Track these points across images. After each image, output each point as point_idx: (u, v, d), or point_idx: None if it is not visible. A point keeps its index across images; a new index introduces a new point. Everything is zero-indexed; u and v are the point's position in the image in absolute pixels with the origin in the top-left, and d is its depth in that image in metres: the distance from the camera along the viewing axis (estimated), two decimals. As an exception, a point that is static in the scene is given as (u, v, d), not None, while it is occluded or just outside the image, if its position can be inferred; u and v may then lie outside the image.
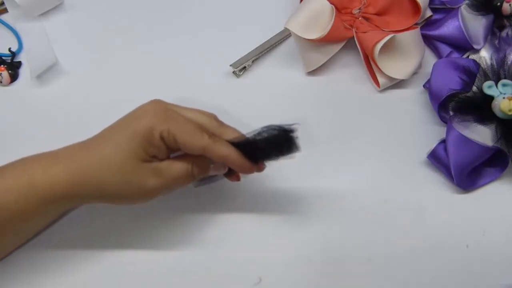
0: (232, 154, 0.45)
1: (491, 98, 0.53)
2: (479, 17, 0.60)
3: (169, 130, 0.44)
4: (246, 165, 0.46)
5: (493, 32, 0.61)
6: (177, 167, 0.45)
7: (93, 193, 0.44)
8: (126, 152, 0.43)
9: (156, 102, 0.46)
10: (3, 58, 0.61)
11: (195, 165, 0.46)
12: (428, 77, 0.58)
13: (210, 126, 0.47)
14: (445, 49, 0.61)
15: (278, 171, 0.54)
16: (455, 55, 0.60)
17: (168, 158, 0.46)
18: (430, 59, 0.61)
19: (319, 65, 0.60)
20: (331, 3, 0.58)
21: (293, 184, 0.54)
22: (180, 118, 0.45)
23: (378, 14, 0.60)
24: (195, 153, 0.45)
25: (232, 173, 0.49)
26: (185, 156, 0.46)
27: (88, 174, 0.43)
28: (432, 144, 0.55)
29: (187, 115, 0.46)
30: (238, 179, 0.50)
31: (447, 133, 0.54)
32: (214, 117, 0.48)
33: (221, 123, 0.48)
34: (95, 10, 0.65)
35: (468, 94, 0.55)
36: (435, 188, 0.55)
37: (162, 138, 0.44)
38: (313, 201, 0.53)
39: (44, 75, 0.60)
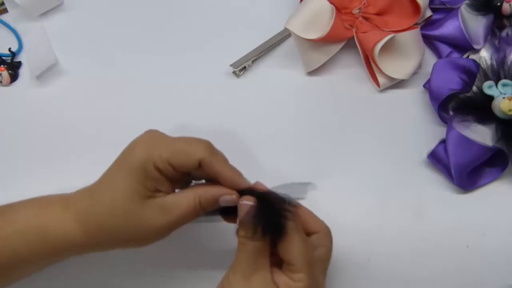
0: (225, 172, 0.43)
1: (491, 98, 0.53)
2: (479, 17, 0.60)
3: (160, 156, 0.42)
4: (237, 184, 0.44)
5: (493, 32, 0.61)
6: (183, 200, 0.43)
7: (104, 241, 0.44)
8: (127, 195, 0.42)
9: (147, 132, 0.45)
10: (3, 58, 0.61)
11: (202, 197, 0.43)
12: (428, 77, 0.58)
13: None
14: (445, 49, 0.61)
15: (277, 171, 0.54)
16: (455, 55, 0.60)
17: (172, 191, 0.44)
18: (430, 59, 0.61)
19: (319, 65, 0.60)
20: (331, 3, 0.58)
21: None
22: (169, 139, 0.44)
23: (378, 14, 0.60)
24: (192, 169, 0.43)
25: (230, 215, 0.46)
26: (190, 188, 0.45)
27: (97, 223, 0.43)
28: (432, 144, 0.55)
29: (180, 136, 0.45)
30: (235, 222, 0.46)
31: (447, 133, 0.54)
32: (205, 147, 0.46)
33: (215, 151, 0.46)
34: (95, 10, 0.65)
35: (468, 94, 0.55)
36: (435, 188, 0.55)
37: (157, 168, 0.42)
38: (312, 201, 0.53)
39: (44, 75, 0.60)
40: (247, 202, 0.42)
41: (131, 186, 0.42)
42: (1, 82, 0.59)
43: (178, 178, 0.44)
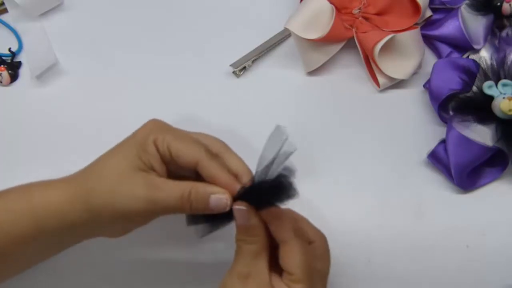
0: (223, 178, 0.43)
1: (491, 98, 0.53)
2: (479, 17, 0.60)
3: (164, 138, 0.43)
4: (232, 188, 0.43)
5: (493, 32, 0.61)
6: (173, 185, 0.42)
7: (86, 212, 0.43)
8: (122, 160, 0.43)
9: (153, 119, 0.46)
10: (3, 58, 0.61)
11: (194, 189, 0.42)
12: (428, 77, 0.58)
13: (215, 147, 0.45)
14: (445, 49, 0.61)
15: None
16: (455, 55, 0.60)
17: (165, 176, 0.44)
18: (430, 59, 0.61)
19: (319, 65, 0.60)
20: (331, 3, 0.58)
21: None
22: (178, 131, 0.45)
23: (378, 14, 0.60)
24: (189, 165, 0.43)
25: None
26: (184, 180, 0.43)
27: (83, 189, 0.43)
28: (432, 144, 0.55)
29: (186, 133, 0.45)
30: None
31: (447, 133, 0.54)
32: (221, 142, 0.46)
33: (228, 148, 0.46)
34: (95, 10, 0.65)
35: (468, 94, 0.55)
36: (435, 188, 0.55)
37: (156, 145, 0.43)
38: (312, 201, 0.53)
39: (44, 75, 0.60)
40: (240, 207, 0.42)
41: (128, 155, 0.43)
42: (1, 82, 0.59)
43: (172, 162, 0.44)
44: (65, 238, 0.45)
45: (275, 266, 0.43)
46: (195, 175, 0.44)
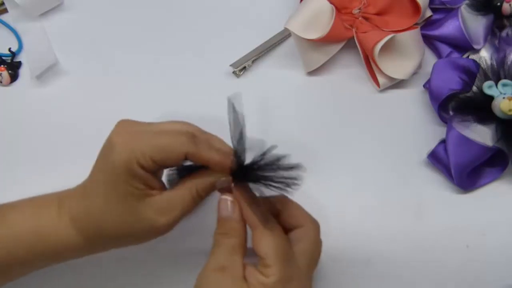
0: (216, 158, 0.42)
1: (491, 98, 0.53)
2: (479, 17, 0.60)
3: (143, 154, 0.41)
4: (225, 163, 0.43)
5: (493, 32, 0.61)
6: (180, 198, 0.43)
7: (101, 242, 0.43)
8: (120, 197, 0.41)
9: (120, 127, 0.43)
10: (3, 58, 0.61)
11: (199, 187, 0.43)
12: (428, 77, 0.58)
13: (190, 130, 0.44)
14: (445, 49, 0.61)
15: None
16: (455, 55, 0.60)
17: (163, 185, 0.44)
18: (430, 59, 0.61)
19: (319, 65, 0.60)
20: (331, 3, 0.58)
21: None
22: (148, 135, 0.42)
23: (378, 14, 0.60)
24: (179, 162, 0.42)
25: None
26: (183, 183, 0.43)
27: (93, 226, 0.42)
28: (432, 144, 0.55)
29: (159, 128, 0.43)
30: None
31: (447, 133, 0.54)
32: (191, 125, 0.45)
33: (199, 129, 0.45)
34: (95, 10, 0.65)
35: (468, 94, 0.55)
36: (435, 188, 0.55)
37: (141, 166, 0.41)
38: (312, 201, 0.53)
39: (44, 75, 0.60)
40: (227, 197, 0.43)
41: (121, 188, 0.41)
42: (1, 82, 0.59)
43: (163, 167, 0.44)
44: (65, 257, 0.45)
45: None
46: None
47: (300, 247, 0.43)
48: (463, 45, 0.60)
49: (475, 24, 0.60)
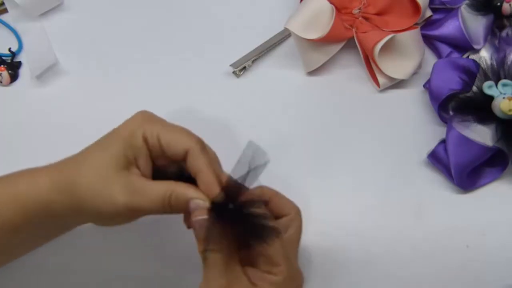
0: (207, 176, 0.41)
1: (491, 98, 0.53)
2: (479, 17, 0.60)
3: (153, 128, 0.42)
4: (213, 187, 0.41)
5: (493, 32, 0.61)
6: (154, 189, 0.41)
7: (69, 203, 0.42)
8: (106, 156, 0.41)
9: (142, 111, 0.44)
10: (3, 58, 0.61)
11: (174, 193, 0.41)
12: (428, 77, 0.58)
13: (202, 142, 0.44)
14: (445, 49, 0.61)
15: (276, 171, 0.54)
16: (455, 55, 0.60)
17: (148, 172, 0.43)
18: (430, 59, 0.61)
19: (319, 65, 0.60)
20: (331, 3, 0.58)
21: (292, 184, 0.54)
22: (166, 122, 0.43)
23: (378, 14, 0.60)
24: (178, 155, 0.42)
25: None
26: (166, 181, 0.42)
27: (68, 179, 0.42)
28: (432, 144, 0.55)
29: (173, 124, 0.44)
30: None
31: (447, 133, 0.54)
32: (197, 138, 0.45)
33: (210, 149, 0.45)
34: (95, 10, 0.65)
35: (468, 94, 0.55)
36: (435, 188, 0.55)
37: (145, 139, 0.42)
38: (312, 201, 0.53)
39: (44, 75, 0.60)
40: (201, 217, 0.40)
41: (112, 150, 0.41)
42: (1, 82, 0.59)
43: (160, 155, 0.43)
44: (52, 226, 0.44)
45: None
46: (178, 170, 0.44)
47: (290, 233, 0.44)
48: (463, 45, 0.60)
49: (475, 24, 0.60)
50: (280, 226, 0.43)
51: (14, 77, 0.60)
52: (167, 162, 0.43)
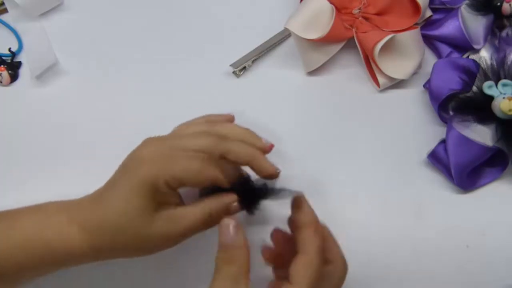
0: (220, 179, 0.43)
1: (491, 98, 0.53)
2: (479, 17, 0.60)
3: (173, 175, 0.42)
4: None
5: (493, 32, 0.61)
6: (192, 211, 0.43)
7: (109, 252, 0.43)
8: (137, 210, 0.41)
9: (149, 144, 0.44)
10: (3, 58, 0.61)
11: (213, 209, 0.43)
12: (428, 77, 0.58)
13: (218, 141, 0.44)
14: (445, 49, 0.61)
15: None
16: (455, 55, 0.60)
17: (181, 201, 0.44)
18: (430, 59, 0.61)
19: (319, 65, 0.60)
20: (331, 3, 0.58)
21: (293, 184, 0.54)
22: (180, 157, 0.43)
23: (378, 14, 0.60)
24: (205, 185, 0.43)
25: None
26: (200, 201, 0.44)
27: (103, 236, 0.42)
28: (432, 144, 0.55)
29: (187, 145, 0.44)
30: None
31: (447, 133, 0.54)
32: (207, 120, 0.46)
33: (215, 123, 0.47)
34: (95, 10, 0.65)
35: (468, 94, 0.55)
36: (435, 188, 0.55)
37: (167, 184, 0.42)
38: (312, 201, 0.53)
39: (44, 75, 0.60)
40: (229, 221, 0.41)
41: (141, 202, 0.41)
42: (1, 82, 0.59)
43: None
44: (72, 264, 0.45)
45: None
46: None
47: (331, 281, 0.43)
48: (463, 45, 0.60)
49: (475, 24, 0.60)
50: (325, 272, 0.43)
51: (14, 77, 0.60)
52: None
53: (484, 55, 0.60)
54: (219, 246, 0.41)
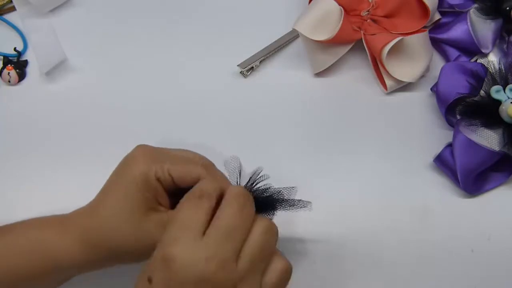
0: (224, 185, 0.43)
1: (498, 102, 0.53)
2: (488, 21, 0.60)
3: (162, 167, 0.42)
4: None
5: (502, 36, 0.61)
6: None
7: (105, 257, 0.43)
8: (129, 206, 0.42)
9: (141, 146, 0.45)
10: (9, 58, 0.61)
11: None
12: (436, 80, 0.58)
13: (201, 161, 0.45)
14: (453, 52, 0.61)
15: (283, 172, 0.54)
16: (463, 58, 0.60)
17: (171, 207, 0.44)
18: (438, 62, 0.61)
19: (327, 66, 0.60)
20: (339, 4, 0.58)
21: (297, 185, 0.54)
22: (170, 154, 0.44)
23: (387, 16, 0.60)
24: (191, 184, 0.43)
25: None
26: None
27: (98, 239, 0.43)
28: (438, 147, 0.55)
29: (175, 153, 0.45)
30: None
31: (454, 137, 0.54)
32: (203, 157, 0.46)
33: (211, 163, 0.46)
34: (104, 6, 0.65)
35: (476, 98, 0.55)
36: (441, 192, 0.55)
37: (158, 178, 0.42)
38: (316, 202, 0.53)
39: (52, 72, 0.60)
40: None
41: (133, 197, 0.42)
42: (9, 81, 0.60)
43: (173, 188, 0.44)
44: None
45: None
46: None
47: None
48: (471, 49, 0.60)
49: (483, 28, 0.60)
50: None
51: (21, 76, 0.60)
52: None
53: (492, 60, 0.60)
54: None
